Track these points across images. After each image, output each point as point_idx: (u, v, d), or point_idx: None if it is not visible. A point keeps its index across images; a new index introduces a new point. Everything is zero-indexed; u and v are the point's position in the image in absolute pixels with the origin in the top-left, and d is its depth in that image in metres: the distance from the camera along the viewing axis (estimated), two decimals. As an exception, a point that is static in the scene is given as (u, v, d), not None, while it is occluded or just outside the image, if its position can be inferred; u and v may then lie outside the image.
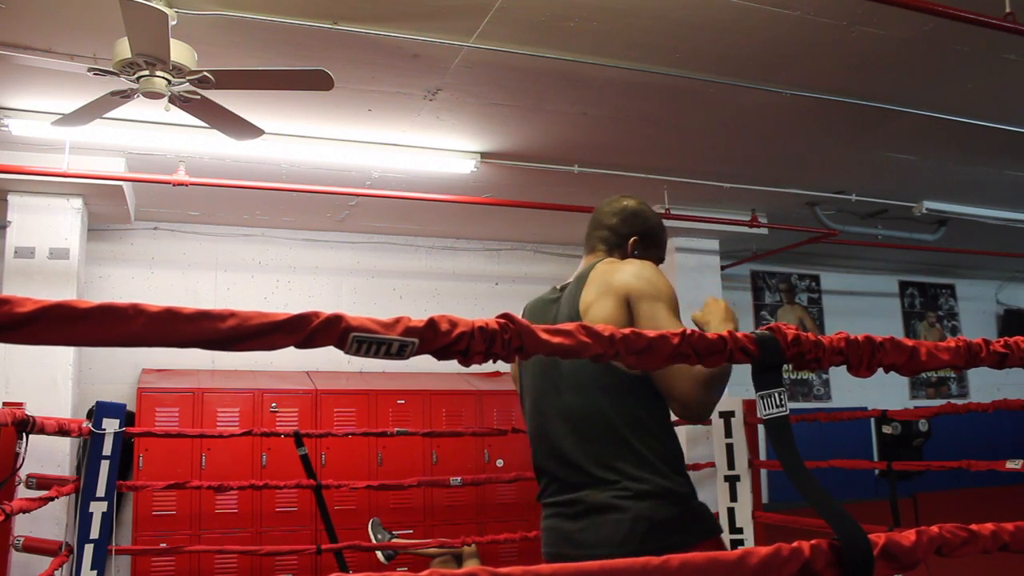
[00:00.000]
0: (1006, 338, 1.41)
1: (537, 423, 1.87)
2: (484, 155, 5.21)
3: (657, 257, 2.01)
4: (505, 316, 1.10)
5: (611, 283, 1.75)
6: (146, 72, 3.18)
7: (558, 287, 1.96)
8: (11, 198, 5.14)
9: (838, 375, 8.37)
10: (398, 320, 1.04)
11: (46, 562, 4.05)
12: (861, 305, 8.98)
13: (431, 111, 4.56)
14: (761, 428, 5.47)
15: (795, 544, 1.13)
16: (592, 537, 1.68)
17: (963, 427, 7.37)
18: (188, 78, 3.29)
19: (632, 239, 1.97)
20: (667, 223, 6.10)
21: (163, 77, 3.21)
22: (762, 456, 5.90)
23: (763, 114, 4.68)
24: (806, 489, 1.38)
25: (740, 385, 3.60)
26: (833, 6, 3.53)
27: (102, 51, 3.65)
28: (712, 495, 6.11)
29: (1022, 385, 7.64)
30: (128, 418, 4.72)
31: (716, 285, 6.75)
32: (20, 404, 4.07)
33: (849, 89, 4.37)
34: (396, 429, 5.07)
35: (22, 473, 3.81)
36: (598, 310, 1.73)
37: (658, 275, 1.77)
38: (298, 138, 4.87)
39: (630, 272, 1.76)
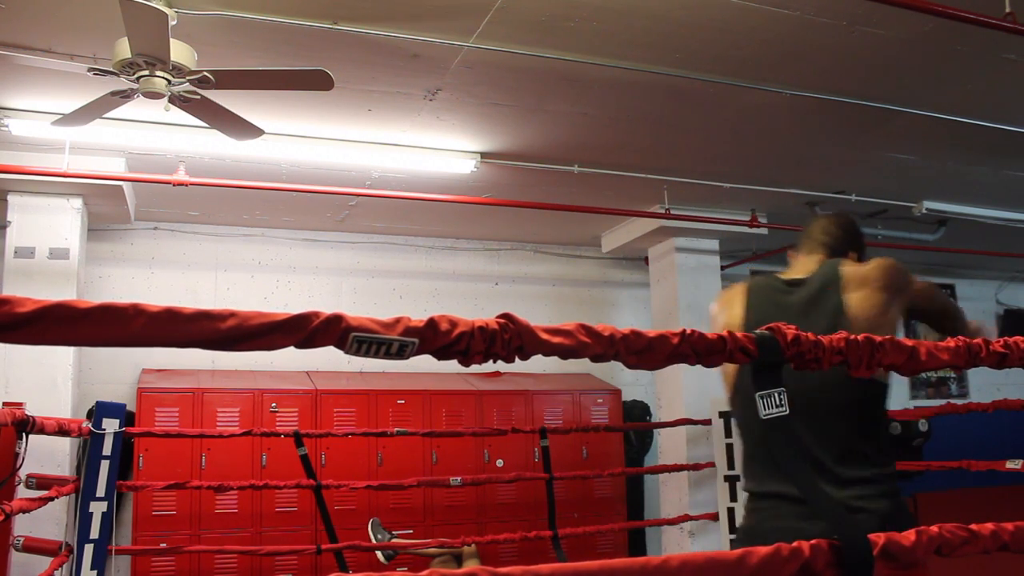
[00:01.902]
0: (1006, 338, 1.41)
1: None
2: (484, 155, 5.21)
3: None
4: (505, 316, 1.10)
5: (870, 278, 1.94)
6: (146, 72, 3.18)
7: (781, 277, 2.12)
8: (11, 198, 5.14)
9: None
10: (398, 320, 1.05)
11: (46, 562, 4.05)
12: (861, 305, 8.95)
13: (431, 111, 4.56)
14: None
15: (795, 544, 1.13)
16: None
17: (963, 427, 7.36)
18: (188, 78, 3.29)
19: (851, 255, 2.17)
20: (667, 223, 6.24)
21: (163, 77, 3.21)
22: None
23: (763, 114, 4.68)
24: (806, 489, 1.38)
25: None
26: (833, 6, 3.53)
27: (102, 51, 3.65)
28: (712, 495, 6.11)
29: (1022, 385, 7.64)
30: (128, 418, 4.72)
31: (716, 285, 6.74)
32: (20, 404, 4.08)
33: (849, 89, 4.37)
34: (396, 429, 5.07)
35: (22, 473, 3.82)
36: (859, 301, 1.90)
37: (902, 268, 1.99)
38: (298, 138, 4.87)
39: (883, 268, 1.96)
